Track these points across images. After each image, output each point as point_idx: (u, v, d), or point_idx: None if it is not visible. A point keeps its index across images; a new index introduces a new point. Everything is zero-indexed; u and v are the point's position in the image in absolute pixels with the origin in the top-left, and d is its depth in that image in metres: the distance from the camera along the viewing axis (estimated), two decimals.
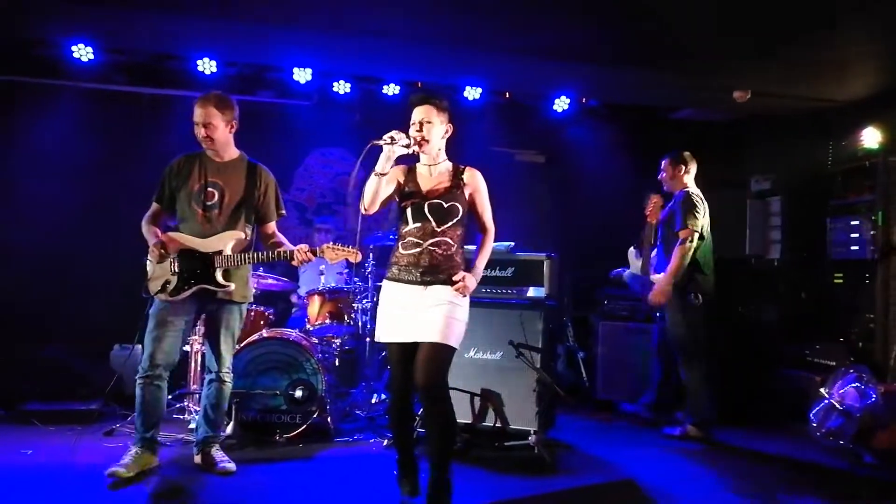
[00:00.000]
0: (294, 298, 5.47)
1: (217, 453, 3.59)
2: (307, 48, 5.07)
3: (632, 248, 4.77)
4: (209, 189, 3.48)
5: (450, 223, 3.05)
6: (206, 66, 5.19)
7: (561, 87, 5.87)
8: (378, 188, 3.00)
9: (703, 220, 4.37)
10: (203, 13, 4.42)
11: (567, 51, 4.81)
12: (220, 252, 3.43)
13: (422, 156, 3.14)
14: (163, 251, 3.40)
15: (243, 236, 3.51)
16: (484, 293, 4.34)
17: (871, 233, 4.88)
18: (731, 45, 4.46)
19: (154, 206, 3.58)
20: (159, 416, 3.51)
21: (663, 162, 4.61)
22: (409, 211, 3.06)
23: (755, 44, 4.40)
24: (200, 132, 3.46)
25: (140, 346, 4.92)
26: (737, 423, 4.87)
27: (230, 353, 3.65)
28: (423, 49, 4.95)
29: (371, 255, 4.93)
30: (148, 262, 3.48)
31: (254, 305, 4.66)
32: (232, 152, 3.60)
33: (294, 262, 3.44)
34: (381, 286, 3.17)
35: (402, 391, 3.10)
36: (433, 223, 3.03)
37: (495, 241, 3.72)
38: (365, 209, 3.03)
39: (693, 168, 4.54)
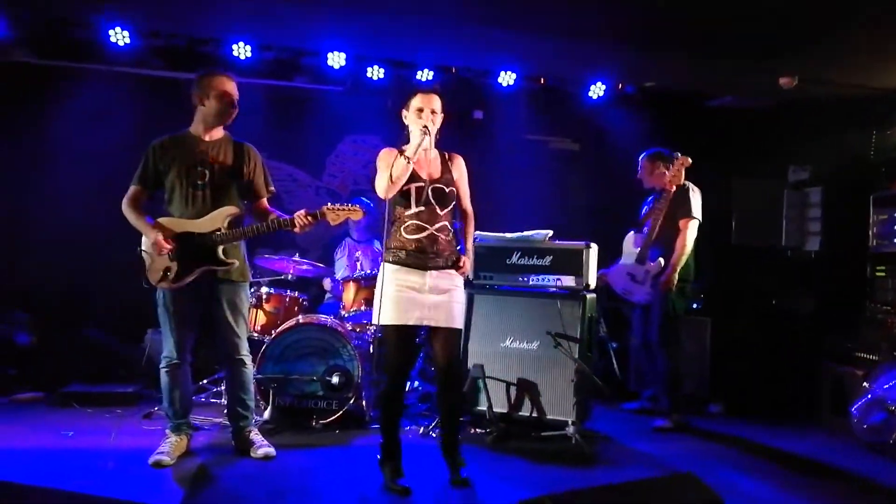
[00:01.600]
0: (327, 285, 5.47)
1: (256, 437, 3.60)
2: (342, 30, 5.02)
3: (631, 233, 4.71)
4: (199, 168, 3.43)
5: (449, 207, 3.22)
6: (242, 50, 5.17)
7: (597, 73, 5.76)
8: (406, 171, 3.06)
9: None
10: None
11: (605, 32, 4.71)
12: (218, 230, 3.40)
13: (425, 142, 3.13)
14: (168, 245, 3.34)
15: (238, 211, 3.47)
16: (521, 282, 4.31)
17: None
18: (777, 29, 4.33)
19: (135, 188, 3.48)
20: (190, 400, 3.56)
21: (641, 159, 4.75)
22: (412, 194, 3.11)
23: (802, 27, 4.27)
24: (235, 108, 3.50)
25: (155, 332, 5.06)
26: (773, 418, 4.81)
27: (245, 334, 3.60)
28: (458, 32, 4.88)
29: None
30: (143, 251, 3.43)
31: (288, 291, 4.66)
32: (219, 131, 3.55)
33: (296, 230, 3.41)
34: None
35: (402, 373, 3.25)
36: (437, 207, 3.16)
37: (531, 228, 4.01)
38: (385, 195, 3.11)
39: (677, 166, 4.42)
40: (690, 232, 4.43)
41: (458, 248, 3.31)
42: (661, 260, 4.43)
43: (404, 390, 3.30)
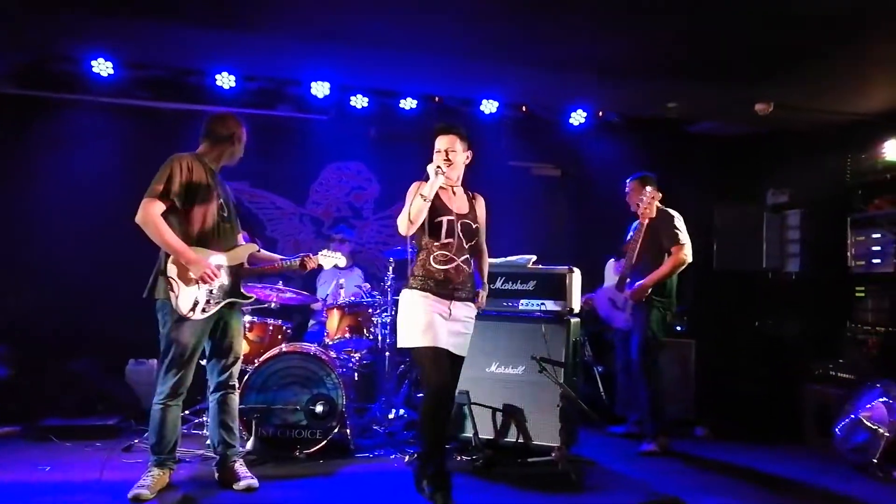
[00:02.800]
0: (318, 306, 5.45)
1: (240, 468, 3.53)
2: (325, 62, 5.08)
3: (611, 261, 4.78)
4: (221, 201, 3.44)
5: (472, 242, 3.39)
6: (225, 80, 5.20)
7: (577, 101, 5.86)
8: (423, 211, 3.21)
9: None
10: (222, 27, 4.44)
11: (584, 63, 4.81)
12: (241, 265, 3.47)
13: (447, 179, 3.35)
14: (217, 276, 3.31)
15: (257, 249, 3.58)
16: (505, 307, 4.32)
17: (894, 246, 4.84)
18: (753, 58, 4.45)
19: (159, 203, 3.19)
20: (178, 436, 3.50)
21: (630, 182, 4.77)
22: (443, 226, 3.26)
23: (778, 57, 4.39)
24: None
25: (154, 361, 4.98)
26: (759, 440, 4.82)
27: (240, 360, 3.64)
28: (441, 62, 4.96)
29: (390, 268, 4.90)
30: (171, 279, 3.22)
31: (272, 319, 4.63)
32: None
33: (303, 271, 3.66)
34: (399, 299, 3.30)
35: (448, 390, 3.26)
36: (463, 241, 3.33)
37: (514, 254, 4.35)
38: (405, 232, 3.21)
39: (647, 199, 4.44)
40: (684, 256, 4.46)
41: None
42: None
43: (448, 409, 3.31)
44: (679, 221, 4.57)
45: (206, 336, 3.42)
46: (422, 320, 3.20)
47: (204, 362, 3.59)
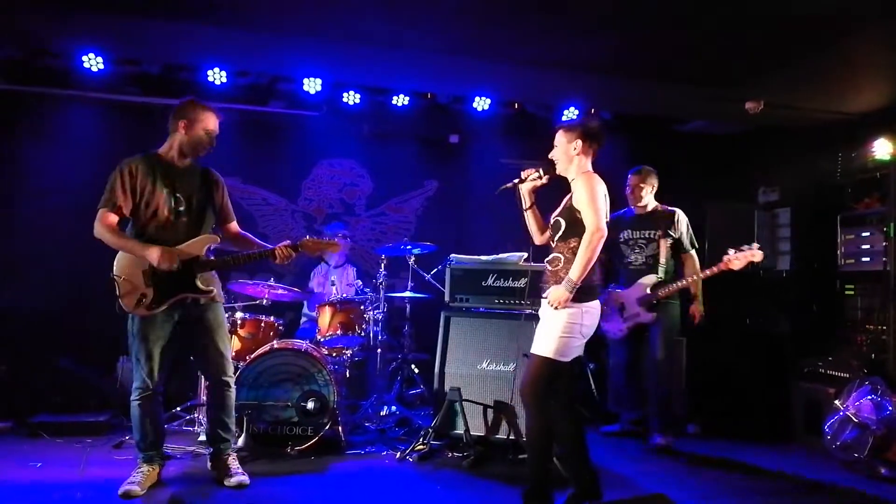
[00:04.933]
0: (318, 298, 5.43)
1: (233, 462, 3.54)
2: (318, 58, 5.07)
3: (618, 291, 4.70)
4: (178, 195, 3.37)
5: (558, 237, 3.25)
6: (217, 76, 5.19)
7: (570, 98, 5.87)
8: (531, 221, 3.42)
9: None
10: (214, 22, 4.42)
11: (577, 61, 4.81)
12: (196, 258, 3.36)
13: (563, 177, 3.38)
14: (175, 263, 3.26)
15: (217, 239, 3.48)
16: (497, 304, 4.33)
17: (884, 244, 4.87)
18: (744, 56, 4.47)
19: (108, 213, 3.29)
20: (162, 430, 3.48)
21: (635, 177, 4.65)
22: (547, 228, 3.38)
23: (768, 55, 4.41)
24: (212, 144, 3.48)
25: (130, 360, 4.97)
26: (750, 437, 4.85)
27: (230, 354, 3.57)
28: (433, 59, 4.95)
29: (382, 265, 4.90)
30: (116, 277, 3.31)
31: (263, 316, 4.63)
32: (186, 159, 3.50)
33: (276, 261, 3.43)
34: (392, 296, 3.30)
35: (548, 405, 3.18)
36: (551, 239, 3.32)
37: (506, 251, 4.26)
38: (539, 242, 3.43)
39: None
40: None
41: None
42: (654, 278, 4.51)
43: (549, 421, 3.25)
44: (683, 218, 4.62)
45: (166, 329, 3.35)
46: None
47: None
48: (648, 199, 4.63)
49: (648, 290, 4.44)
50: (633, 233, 4.62)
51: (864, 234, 5.13)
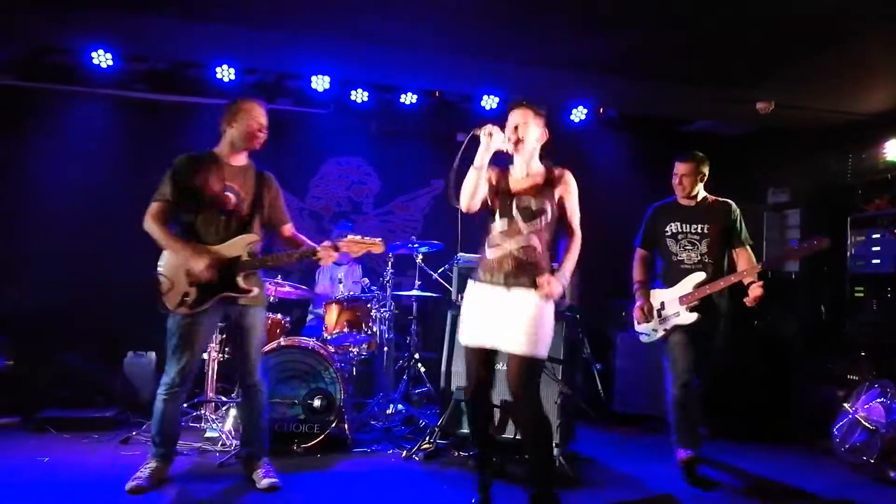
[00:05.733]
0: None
1: (264, 468, 3.51)
2: (326, 56, 5.07)
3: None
4: (227, 193, 3.38)
5: (536, 224, 3.00)
6: (225, 73, 5.19)
7: (578, 98, 5.85)
8: (478, 182, 2.94)
9: None
10: (223, 20, 4.42)
11: (585, 61, 4.80)
12: (238, 257, 3.35)
13: (516, 157, 3.10)
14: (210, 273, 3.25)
15: (258, 238, 3.44)
16: None
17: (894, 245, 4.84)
18: (753, 56, 4.44)
19: (159, 204, 3.33)
20: (178, 429, 3.49)
21: (685, 165, 4.01)
22: (497, 209, 3.03)
23: (777, 55, 4.38)
24: (264, 135, 3.47)
25: (153, 354, 4.98)
26: (759, 439, 4.82)
27: (259, 359, 3.53)
28: (441, 58, 4.94)
29: (389, 263, 4.90)
30: (161, 275, 3.32)
31: (270, 313, 4.63)
32: (241, 158, 3.51)
33: (320, 261, 3.42)
34: (399, 294, 3.20)
35: (479, 395, 3.12)
36: (520, 223, 2.99)
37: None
38: (465, 207, 2.97)
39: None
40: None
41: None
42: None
43: (487, 408, 3.24)
44: (737, 209, 4.03)
45: (206, 330, 3.38)
46: (464, 317, 3.07)
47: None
48: (699, 188, 4.04)
49: (692, 288, 3.87)
50: (682, 226, 3.97)
51: (874, 236, 5.10)
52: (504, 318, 2.93)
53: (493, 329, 2.96)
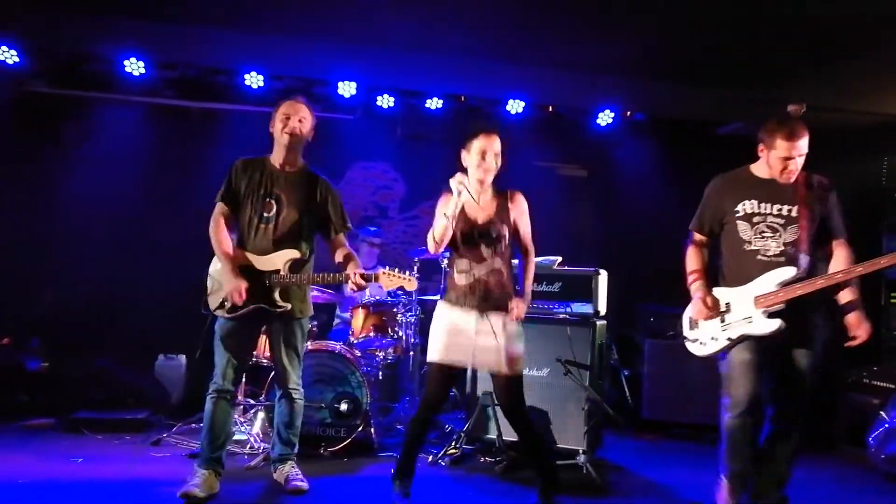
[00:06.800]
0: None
1: (292, 470, 3.52)
2: (353, 62, 5.12)
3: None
4: (268, 200, 3.35)
5: (499, 248, 3.14)
6: (254, 80, 5.25)
7: (605, 101, 5.81)
8: (448, 230, 3.05)
9: None
10: (251, 28, 4.49)
11: (612, 64, 4.77)
12: (277, 271, 3.32)
13: (476, 185, 3.15)
14: (243, 297, 3.24)
15: (299, 255, 3.36)
16: (531, 308, 4.26)
17: None
18: (786, 58, 4.37)
19: (220, 206, 3.38)
20: (228, 434, 3.42)
21: (805, 138, 2.92)
22: (459, 237, 3.11)
23: (811, 56, 4.31)
24: (293, 123, 3.36)
25: (184, 356, 5.05)
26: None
27: (296, 369, 3.51)
28: (467, 62, 4.96)
29: (415, 268, 4.90)
30: (209, 276, 3.41)
31: None
32: (298, 161, 3.48)
33: (348, 288, 3.36)
34: (425, 299, 3.20)
35: (431, 409, 3.21)
36: (483, 250, 3.11)
37: (539, 255, 3.87)
38: (435, 251, 3.11)
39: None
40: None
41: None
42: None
43: (431, 420, 3.30)
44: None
45: (245, 336, 3.40)
46: (435, 335, 3.14)
47: None
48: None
49: (776, 286, 2.92)
50: (761, 206, 3.00)
51: None
52: (483, 342, 3.07)
53: (471, 351, 3.08)
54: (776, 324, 2.90)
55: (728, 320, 3.03)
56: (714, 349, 3.07)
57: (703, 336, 3.13)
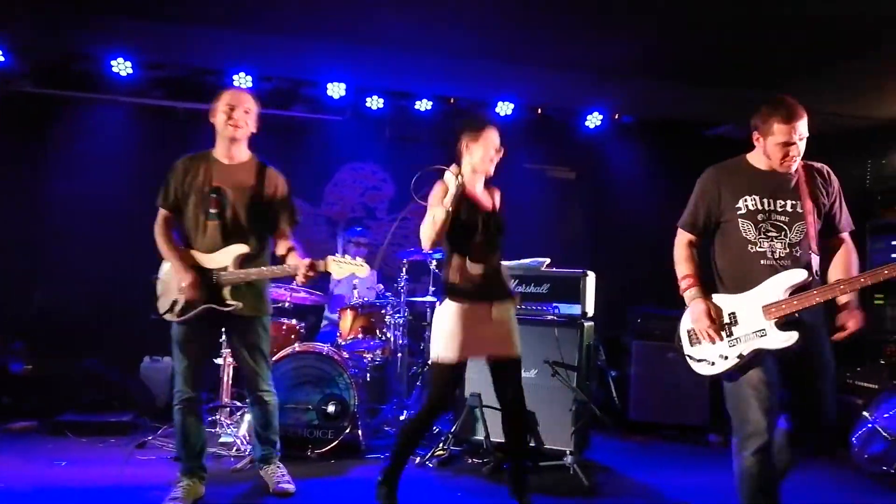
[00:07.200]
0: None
1: (277, 471, 3.47)
2: (342, 63, 5.11)
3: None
4: (213, 196, 3.17)
5: (502, 238, 3.21)
6: (242, 80, 5.24)
7: (593, 103, 5.84)
8: (446, 224, 2.98)
9: None
10: (239, 27, 4.47)
11: (601, 66, 4.79)
12: (224, 268, 3.16)
13: (478, 177, 3.20)
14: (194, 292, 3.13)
15: (247, 250, 3.20)
16: (519, 310, 4.27)
17: None
18: (772, 60, 4.41)
19: (161, 212, 3.25)
20: (204, 439, 3.32)
21: (805, 119, 2.73)
22: (476, 228, 3.08)
23: (796, 59, 4.35)
24: (238, 115, 3.19)
25: (169, 359, 5.00)
26: None
27: (264, 370, 3.37)
28: (456, 64, 4.97)
29: (404, 269, 4.90)
30: (158, 279, 3.28)
31: (285, 319, 4.65)
32: (243, 153, 3.31)
33: (298, 280, 3.15)
34: (414, 301, 3.17)
35: (439, 412, 3.18)
36: (495, 239, 3.16)
37: (527, 257, 4.13)
38: (430, 248, 3.07)
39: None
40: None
41: None
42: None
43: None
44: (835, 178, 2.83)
45: (202, 338, 3.25)
46: (452, 334, 3.04)
47: None
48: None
49: (784, 293, 2.58)
50: (764, 202, 2.68)
51: (893, 243, 5.04)
52: (499, 330, 3.11)
53: (491, 343, 3.10)
54: (793, 336, 2.52)
55: (736, 334, 2.63)
56: (724, 368, 2.64)
57: (709, 354, 2.69)
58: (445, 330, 3.05)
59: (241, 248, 3.19)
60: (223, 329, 3.45)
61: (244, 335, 3.30)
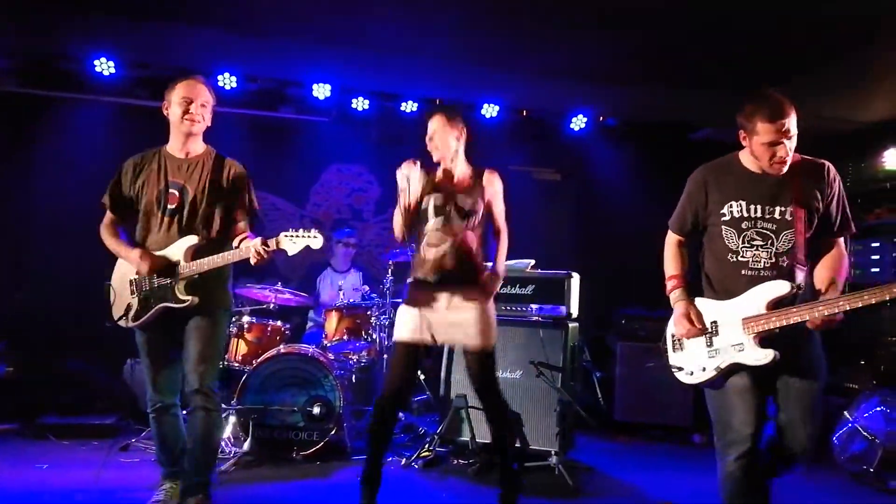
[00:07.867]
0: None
1: None
2: (328, 64, 5.11)
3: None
4: (171, 191, 3.03)
5: (470, 223, 3.10)
6: (227, 81, 5.22)
7: (578, 106, 5.88)
8: (413, 217, 3.07)
9: None
10: (224, 27, 4.46)
11: (586, 69, 4.82)
12: (177, 263, 2.99)
13: (441, 162, 3.24)
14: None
15: (198, 240, 3.02)
16: (504, 311, 4.31)
17: (894, 255, 4.84)
18: (754, 65, 4.46)
19: (109, 215, 3.13)
20: (182, 444, 3.15)
21: (794, 113, 2.52)
22: (430, 208, 3.10)
23: (778, 63, 4.40)
24: (195, 109, 3.02)
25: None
26: None
27: (211, 368, 3.03)
28: (443, 66, 4.98)
29: (389, 270, 4.90)
30: (110, 286, 3.14)
31: (270, 320, 4.63)
32: (199, 147, 3.14)
33: (252, 261, 2.97)
34: (399, 302, 3.16)
35: (395, 397, 3.08)
36: (456, 221, 3.08)
37: (513, 258, 3.95)
38: (401, 237, 3.11)
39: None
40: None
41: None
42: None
43: (396, 409, 3.15)
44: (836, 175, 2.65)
45: (163, 341, 3.08)
46: (401, 314, 3.10)
47: None
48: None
49: (765, 308, 2.48)
50: (751, 208, 2.56)
51: (873, 245, 5.10)
52: (454, 317, 3.02)
53: (442, 327, 3.03)
54: (770, 355, 2.44)
55: (716, 345, 2.58)
56: (702, 379, 2.62)
57: (689, 364, 2.66)
58: (399, 311, 3.13)
59: (191, 240, 3.02)
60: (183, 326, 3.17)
61: (198, 326, 3.03)
